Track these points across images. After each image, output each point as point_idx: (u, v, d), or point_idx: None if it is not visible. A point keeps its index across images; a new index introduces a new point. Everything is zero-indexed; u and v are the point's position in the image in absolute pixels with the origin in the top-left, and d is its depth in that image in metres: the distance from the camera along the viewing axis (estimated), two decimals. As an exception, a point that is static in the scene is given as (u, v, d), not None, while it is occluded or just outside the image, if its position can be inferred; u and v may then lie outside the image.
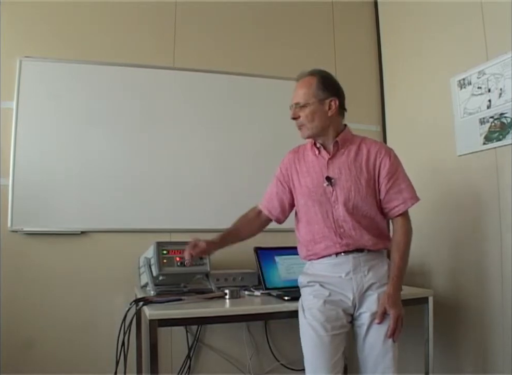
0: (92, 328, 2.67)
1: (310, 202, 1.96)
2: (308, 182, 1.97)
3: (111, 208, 2.73)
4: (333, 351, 1.79)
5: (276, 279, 2.44)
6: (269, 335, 2.90)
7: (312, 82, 1.93)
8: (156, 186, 2.81)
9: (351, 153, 1.94)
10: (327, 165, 1.94)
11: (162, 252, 2.16)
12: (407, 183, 1.93)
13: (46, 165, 2.67)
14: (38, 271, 2.63)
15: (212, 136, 2.94)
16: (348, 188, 1.89)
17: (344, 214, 1.89)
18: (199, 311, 1.95)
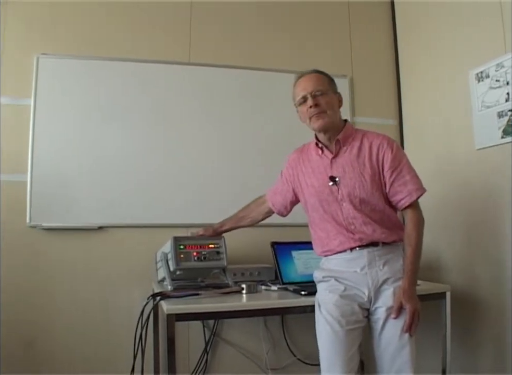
0: (109, 323, 2.71)
1: (318, 202, 1.98)
2: (314, 182, 2.00)
3: (128, 203, 2.77)
4: (348, 346, 1.80)
5: (292, 274, 2.46)
6: (285, 329, 2.92)
7: (322, 76, 1.97)
8: (172, 181, 2.84)
9: (354, 150, 1.95)
10: (331, 164, 1.97)
11: (179, 247, 2.18)
12: (411, 174, 1.92)
13: (63, 161, 2.71)
14: (56, 266, 2.67)
15: (227, 131, 2.96)
16: (352, 185, 1.91)
17: (353, 211, 1.91)
18: (216, 306, 1.97)
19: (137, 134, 2.83)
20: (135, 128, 2.83)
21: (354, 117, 3.16)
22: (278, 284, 2.38)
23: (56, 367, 2.62)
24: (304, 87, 1.94)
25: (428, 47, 2.97)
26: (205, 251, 2.21)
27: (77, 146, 2.74)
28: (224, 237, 2.29)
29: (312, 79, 1.94)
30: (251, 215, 2.33)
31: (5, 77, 2.69)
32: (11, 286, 2.60)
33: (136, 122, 2.84)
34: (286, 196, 2.20)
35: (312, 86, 1.92)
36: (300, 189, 2.09)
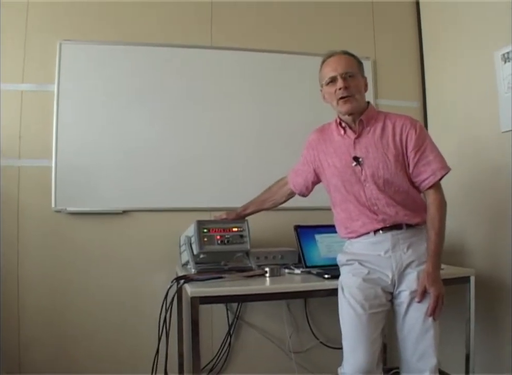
0: (134, 306, 2.76)
1: (341, 182, 1.98)
2: (336, 162, 1.99)
3: (152, 187, 2.79)
4: (371, 330, 1.81)
5: (316, 257, 2.47)
6: (308, 313, 2.95)
7: (352, 58, 1.95)
8: (196, 165, 2.86)
9: (377, 130, 1.94)
10: (354, 145, 1.96)
11: (203, 230, 2.20)
12: (435, 153, 1.90)
13: (88, 146, 2.74)
14: (80, 250, 2.72)
15: (250, 115, 2.96)
16: (376, 166, 1.90)
17: (376, 192, 1.91)
18: (239, 289, 1.98)
19: (160, 118, 2.85)
20: (158, 113, 2.85)
21: (376, 99, 3.14)
22: (301, 268, 2.39)
23: (79, 352, 2.69)
24: (335, 68, 1.91)
25: (453, 28, 2.91)
26: (229, 235, 2.23)
27: (101, 131, 2.77)
28: (247, 220, 2.31)
29: (343, 61, 1.91)
30: (273, 198, 2.34)
31: (28, 64, 2.72)
32: (36, 270, 2.66)
33: (159, 107, 2.85)
34: (308, 177, 2.20)
35: (343, 67, 1.90)
36: (322, 170, 2.09)
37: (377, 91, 3.17)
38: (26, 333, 2.63)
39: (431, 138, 1.95)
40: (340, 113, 1.98)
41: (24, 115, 2.70)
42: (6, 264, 2.62)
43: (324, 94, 1.99)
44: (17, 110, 2.70)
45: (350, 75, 1.89)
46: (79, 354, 2.68)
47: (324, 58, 1.97)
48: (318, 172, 2.14)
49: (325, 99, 2.00)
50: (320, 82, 2.00)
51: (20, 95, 2.70)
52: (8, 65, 2.70)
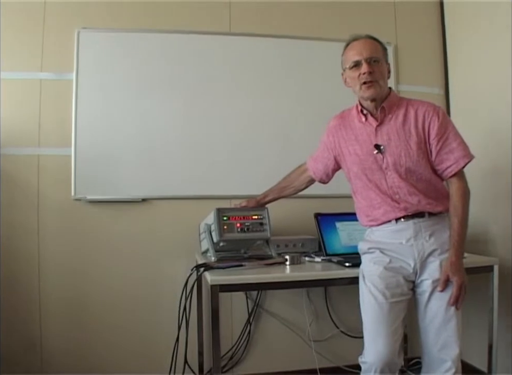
0: (154, 294, 2.79)
1: (361, 170, 1.97)
2: (357, 149, 1.98)
3: (171, 175, 2.81)
4: (392, 319, 1.81)
5: (336, 245, 2.48)
6: (329, 301, 2.95)
7: (377, 43, 1.92)
8: (215, 152, 2.87)
9: (399, 117, 1.92)
10: (375, 132, 1.94)
11: (223, 218, 2.21)
12: (458, 141, 1.88)
13: (107, 134, 2.76)
14: (100, 238, 2.75)
15: (270, 102, 2.95)
16: (398, 153, 1.89)
17: (398, 180, 1.90)
18: (259, 277, 1.99)
19: (179, 105, 2.85)
20: (177, 100, 2.85)
21: (398, 85, 3.11)
22: (322, 256, 2.39)
23: (99, 343, 2.73)
24: (359, 52, 1.88)
25: (478, 12, 2.85)
26: (249, 222, 2.24)
27: (120, 119, 2.79)
28: (267, 208, 2.31)
29: (368, 45, 1.89)
30: (293, 185, 2.34)
31: (46, 53, 2.74)
32: (56, 259, 2.70)
33: (178, 93, 2.85)
34: (328, 164, 2.19)
35: (368, 52, 1.87)
36: (342, 157, 2.08)
37: (399, 77, 3.14)
38: (47, 326, 2.68)
39: (453, 125, 1.92)
40: (362, 98, 1.96)
41: (43, 104, 2.73)
42: (26, 254, 2.66)
43: (347, 78, 1.97)
44: (37, 99, 2.72)
45: (375, 60, 1.87)
46: (100, 346, 2.72)
47: (349, 41, 1.94)
48: (338, 160, 2.14)
49: (347, 83, 1.98)
50: (343, 66, 1.98)
51: (39, 84, 2.73)
52: (27, 54, 2.72)
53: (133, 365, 2.71)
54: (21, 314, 2.64)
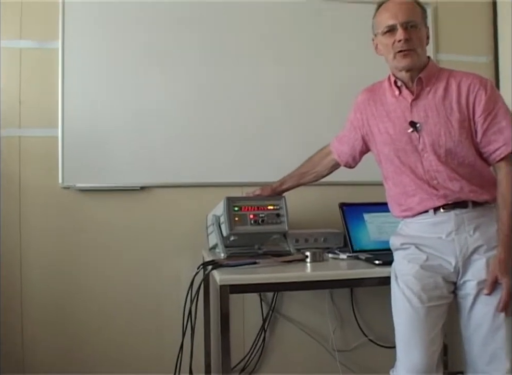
0: (154, 296, 2.80)
1: (394, 151, 1.96)
2: (389, 128, 1.96)
3: (173, 160, 2.82)
4: (430, 326, 1.80)
5: (364, 240, 2.47)
6: (355, 305, 2.95)
7: (415, 5, 1.89)
8: (224, 134, 2.87)
9: (438, 91, 1.90)
10: (410, 108, 1.92)
11: (234, 208, 2.21)
12: (508, 119, 1.84)
13: (99, 113, 2.76)
14: (93, 232, 2.76)
15: (290, 74, 2.94)
16: (437, 132, 1.87)
17: (436, 163, 1.87)
18: (275, 276, 1.99)
19: (180, 80, 2.84)
20: (178, 75, 2.84)
21: (437, 54, 3.08)
22: (348, 252, 2.39)
23: (92, 348, 2.74)
24: (395, 15, 1.84)
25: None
26: (263, 214, 2.24)
27: (115, 95, 2.78)
28: (285, 197, 2.31)
29: (405, 7, 1.85)
30: (314, 170, 2.33)
31: (26, 17, 2.71)
32: (42, 256, 2.71)
33: (179, 67, 2.84)
34: (355, 145, 2.18)
35: (405, 15, 1.83)
36: (371, 137, 2.07)
37: (438, 45, 3.11)
38: (30, 336, 2.69)
39: (503, 100, 1.89)
40: (396, 68, 1.93)
41: (24, 77, 2.71)
42: (7, 251, 2.66)
43: (378, 45, 1.95)
44: (16, 71, 2.71)
45: (413, 25, 1.84)
46: (91, 357, 2.73)
47: (382, 1, 1.92)
48: (366, 140, 2.13)
49: (379, 51, 1.96)
50: (374, 30, 1.95)
51: (18, 53, 2.71)
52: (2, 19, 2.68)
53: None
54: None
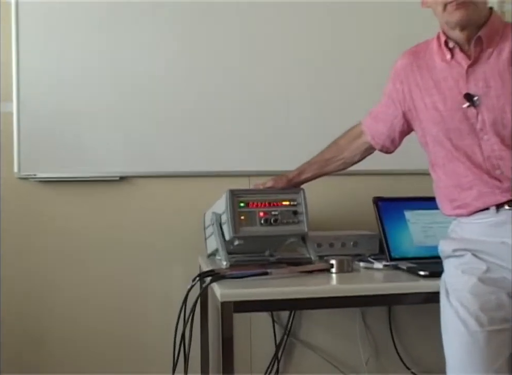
0: (138, 315, 2.83)
1: (444, 132, 1.94)
2: (438, 102, 1.95)
3: (162, 143, 2.85)
4: (491, 356, 1.78)
5: (406, 245, 2.46)
6: (394, 328, 2.96)
7: None
8: (226, 110, 2.90)
9: (504, 53, 1.87)
10: (466, 76, 1.90)
11: (239, 204, 2.20)
12: None
13: (67, 83, 2.77)
14: (58, 234, 2.79)
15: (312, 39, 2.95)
16: (500, 108, 1.85)
17: (499, 148, 1.85)
18: (291, 290, 1.97)
19: (171, 41, 2.84)
20: (168, 33, 2.84)
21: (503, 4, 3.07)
22: (384, 260, 2.38)
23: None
24: None
25: None
26: (277, 211, 2.23)
27: (87, 61, 2.78)
28: (304, 190, 2.30)
29: None
30: (342, 156, 2.32)
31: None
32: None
33: (170, 22, 2.83)
34: (393, 124, 2.16)
35: None
36: (415, 113, 2.06)
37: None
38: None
39: None
40: (447, 25, 1.91)
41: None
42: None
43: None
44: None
45: None
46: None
47: None
48: (409, 117, 2.11)
49: (425, 4, 1.94)
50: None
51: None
52: None
53: None
54: None
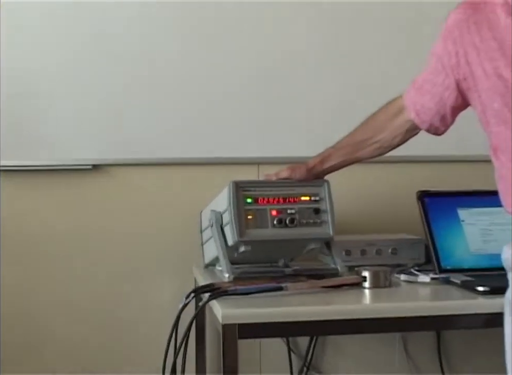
0: (119, 338, 2.82)
1: (509, 107, 1.92)
2: (502, 68, 1.91)
3: (145, 124, 2.87)
4: None
5: (460, 252, 2.43)
6: (444, 359, 2.95)
7: None
8: (230, 84, 2.92)
9: None
10: None
11: (245, 200, 2.19)
12: None
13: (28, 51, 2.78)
14: (18, 233, 2.79)
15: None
16: None
17: None
18: (313, 311, 1.95)
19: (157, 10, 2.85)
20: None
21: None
22: (432, 272, 2.34)
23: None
24: None
25: None
26: (294, 209, 2.21)
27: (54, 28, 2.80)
28: (328, 182, 2.29)
29: None
30: (377, 138, 2.26)
31: None
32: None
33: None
34: (444, 97, 2.10)
35: None
36: (472, 83, 2.01)
37: None
38: None
39: None
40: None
41: None
42: None
43: None
44: None
45: None
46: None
47: None
48: (464, 88, 2.05)
49: None
50: None
51: None
52: None
53: None
54: None
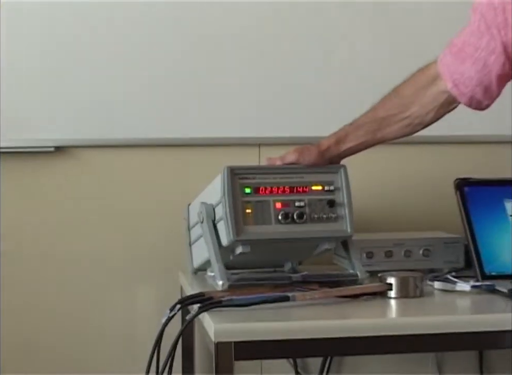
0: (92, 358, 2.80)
1: None
2: None
3: (120, 98, 2.96)
4: None
5: (507, 255, 2.40)
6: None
7: None
8: (226, 54, 3.00)
9: None
10: None
11: (243, 190, 2.16)
12: None
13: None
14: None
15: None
16: None
17: None
18: (327, 325, 1.88)
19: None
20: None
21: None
22: (473, 279, 2.32)
23: None
24: None
25: None
26: (303, 201, 2.18)
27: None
28: (345, 167, 2.25)
29: None
30: (406, 113, 2.21)
31: None
32: None
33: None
34: (488, 63, 2.06)
35: None
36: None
37: None
38: None
39: None
40: None
41: None
42: None
43: None
44: None
45: None
46: None
47: None
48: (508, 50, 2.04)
49: None
50: None
51: None
52: None
53: None
54: None
